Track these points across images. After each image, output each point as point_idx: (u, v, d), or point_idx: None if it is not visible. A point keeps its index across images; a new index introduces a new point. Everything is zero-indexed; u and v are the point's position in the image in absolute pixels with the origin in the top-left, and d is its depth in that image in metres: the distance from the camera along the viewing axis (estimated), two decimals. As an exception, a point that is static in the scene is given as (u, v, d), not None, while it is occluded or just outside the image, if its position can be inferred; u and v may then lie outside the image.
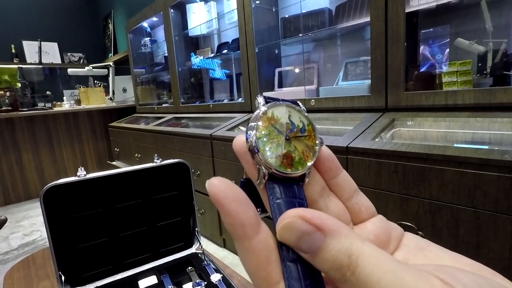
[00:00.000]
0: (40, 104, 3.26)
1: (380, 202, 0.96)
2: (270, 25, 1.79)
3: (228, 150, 1.55)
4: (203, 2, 2.26)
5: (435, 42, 1.25)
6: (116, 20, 4.13)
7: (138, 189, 0.68)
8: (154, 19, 2.81)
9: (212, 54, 2.30)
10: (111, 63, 3.28)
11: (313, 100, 1.45)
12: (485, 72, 1.09)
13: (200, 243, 0.74)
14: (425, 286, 0.12)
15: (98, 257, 0.64)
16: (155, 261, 0.70)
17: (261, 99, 0.18)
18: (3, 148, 2.83)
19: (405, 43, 1.09)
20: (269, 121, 0.17)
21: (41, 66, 4.07)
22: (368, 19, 1.19)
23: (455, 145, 0.86)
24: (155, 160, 0.68)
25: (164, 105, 2.75)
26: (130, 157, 2.78)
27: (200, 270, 0.66)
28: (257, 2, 1.71)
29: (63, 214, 0.60)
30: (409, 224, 0.91)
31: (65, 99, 3.66)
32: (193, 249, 0.74)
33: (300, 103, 0.19)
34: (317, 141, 0.18)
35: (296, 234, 0.14)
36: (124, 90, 3.57)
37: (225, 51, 2.12)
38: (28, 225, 2.39)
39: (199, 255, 0.72)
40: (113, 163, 3.07)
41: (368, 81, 1.30)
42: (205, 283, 0.60)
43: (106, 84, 3.66)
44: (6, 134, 2.84)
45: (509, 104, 0.91)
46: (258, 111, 0.17)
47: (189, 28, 2.36)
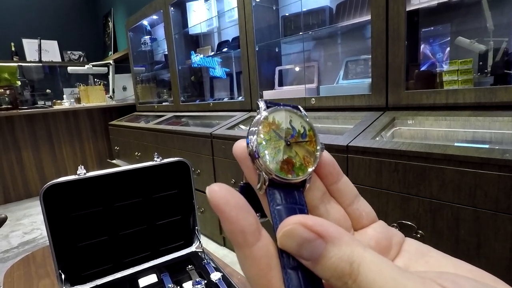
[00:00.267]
0: (40, 103, 3.26)
1: (381, 201, 0.96)
2: (271, 24, 1.78)
3: (228, 149, 1.55)
4: (203, 0, 2.25)
5: (436, 41, 1.25)
6: (116, 18, 4.12)
7: (138, 188, 0.68)
8: (154, 17, 2.80)
9: (212, 53, 2.30)
10: (111, 61, 3.27)
11: (314, 99, 1.45)
12: (486, 71, 1.09)
13: (200, 242, 0.74)
14: None
15: (98, 256, 0.64)
16: (155, 260, 0.70)
17: (262, 104, 0.18)
18: (3, 146, 2.83)
19: (406, 42, 1.09)
20: (270, 126, 0.17)
21: (41, 64, 4.07)
22: (369, 18, 1.19)
23: (456, 144, 0.86)
24: (155, 159, 0.68)
25: (164, 104, 2.75)
26: (130, 156, 2.78)
27: (200, 269, 0.66)
28: (258, 0, 1.70)
29: (63, 213, 0.60)
30: (409, 223, 0.91)
31: (65, 98, 3.66)
32: (193, 248, 0.74)
33: (301, 108, 0.19)
34: (318, 147, 0.18)
35: (297, 241, 0.13)
36: (124, 89, 3.57)
37: (225, 50, 2.11)
38: (28, 224, 2.39)
39: (199, 254, 0.72)
40: (113, 162, 3.07)
41: (369, 80, 1.30)
42: (205, 282, 0.60)
43: (106, 83, 3.66)
44: (6, 132, 2.84)
45: (510, 103, 0.90)
46: (259, 116, 0.17)
47: (189, 26, 2.36)
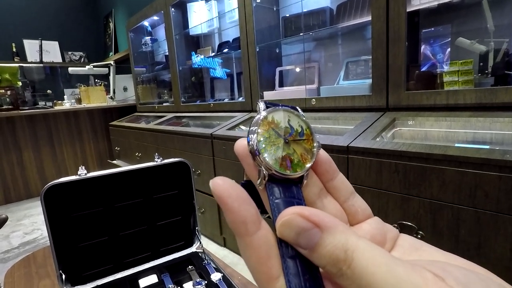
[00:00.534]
0: (41, 103, 3.26)
1: (381, 202, 0.96)
2: (271, 24, 1.79)
3: (229, 149, 1.55)
4: (204, 1, 2.25)
5: (436, 42, 1.25)
6: (117, 19, 4.13)
7: (139, 188, 0.68)
8: (155, 18, 2.81)
9: (213, 53, 2.30)
10: (112, 62, 3.27)
11: (314, 100, 1.45)
12: (487, 72, 1.09)
13: (201, 242, 0.74)
14: (417, 278, 0.12)
15: (99, 256, 0.64)
16: (156, 260, 0.70)
17: (262, 104, 0.19)
18: (4, 147, 2.84)
19: (406, 43, 1.09)
20: (270, 125, 0.18)
21: (42, 65, 4.08)
22: (369, 19, 1.19)
23: (456, 145, 0.86)
24: (156, 159, 0.68)
25: (165, 104, 2.75)
26: (131, 156, 2.78)
27: (201, 269, 0.66)
28: (258, 1, 1.71)
29: (64, 213, 0.60)
30: (410, 224, 0.91)
31: (66, 98, 3.67)
32: (194, 248, 0.74)
33: (299, 109, 0.20)
34: (315, 144, 0.19)
35: (295, 231, 0.14)
36: (125, 89, 3.57)
37: (226, 50, 2.12)
38: (29, 224, 2.39)
39: (200, 254, 0.72)
40: (114, 162, 3.08)
41: (369, 81, 1.30)
42: (206, 282, 0.60)
43: (107, 83, 3.66)
44: (7, 133, 2.84)
45: (511, 104, 0.90)
46: (259, 116, 0.18)
47: (190, 27, 2.36)
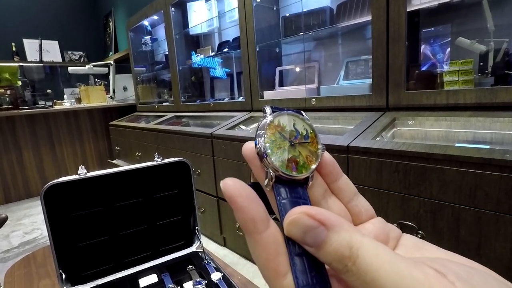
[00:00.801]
0: (41, 103, 3.26)
1: (381, 202, 0.96)
2: (271, 24, 1.78)
3: (229, 149, 1.55)
4: (204, 1, 2.25)
5: (436, 41, 1.24)
6: (117, 19, 4.12)
7: (139, 188, 0.68)
8: (155, 18, 2.81)
9: (213, 53, 2.30)
10: (112, 62, 3.27)
11: (314, 99, 1.45)
12: (487, 72, 1.09)
13: (201, 242, 0.74)
14: (419, 274, 0.13)
15: (99, 256, 0.64)
16: (156, 260, 0.70)
17: (268, 109, 0.20)
18: (4, 146, 2.83)
19: (406, 42, 1.09)
20: (276, 129, 0.19)
21: (42, 65, 4.07)
22: (369, 18, 1.19)
23: (456, 145, 0.86)
24: (156, 159, 0.68)
25: (165, 104, 2.75)
26: (131, 156, 2.78)
27: (201, 269, 0.66)
28: (258, 1, 1.70)
29: (64, 213, 0.60)
30: (410, 224, 0.91)
31: (66, 98, 3.67)
32: (194, 248, 0.74)
33: (304, 113, 0.21)
34: (320, 147, 0.20)
35: (302, 229, 0.15)
36: (125, 89, 3.57)
37: (226, 50, 2.11)
38: (29, 223, 2.39)
39: (200, 254, 0.72)
40: (114, 162, 3.07)
41: (369, 80, 1.30)
42: (206, 282, 0.60)
43: (107, 83, 3.66)
44: (7, 133, 2.84)
45: (511, 104, 0.90)
46: (266, 120, 0.19)
47: (190, 27, 2.36)
